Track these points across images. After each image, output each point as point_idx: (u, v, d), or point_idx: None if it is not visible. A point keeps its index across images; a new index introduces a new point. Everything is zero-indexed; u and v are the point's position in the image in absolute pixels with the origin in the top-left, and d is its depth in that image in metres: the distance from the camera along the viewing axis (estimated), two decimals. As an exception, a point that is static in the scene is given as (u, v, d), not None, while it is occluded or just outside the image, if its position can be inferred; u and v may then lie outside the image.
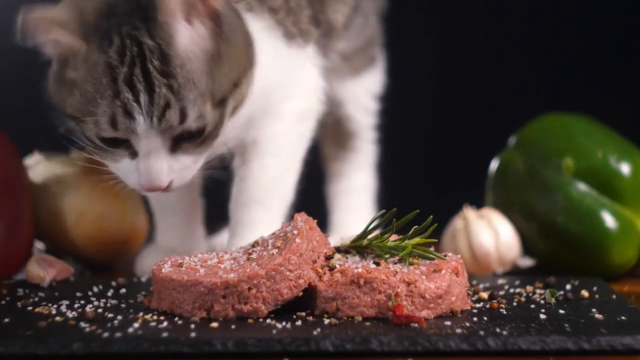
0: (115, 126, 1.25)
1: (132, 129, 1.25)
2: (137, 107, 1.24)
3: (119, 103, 1.24)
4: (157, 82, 1.24)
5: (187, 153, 1.30)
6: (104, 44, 1.25)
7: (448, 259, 1.28)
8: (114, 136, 1.27)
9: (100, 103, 1.24)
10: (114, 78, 1.24)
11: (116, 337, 1.13)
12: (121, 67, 1.24)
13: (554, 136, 1.58)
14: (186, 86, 1.24)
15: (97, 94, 1.24)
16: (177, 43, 1.25)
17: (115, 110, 1.24)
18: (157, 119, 1.24)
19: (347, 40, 1.66)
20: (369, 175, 1.78)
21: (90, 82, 1.25)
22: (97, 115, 1.25)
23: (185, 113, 1.25)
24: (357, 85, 1.73)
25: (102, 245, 1.59)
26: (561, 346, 1.14)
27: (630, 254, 1.52)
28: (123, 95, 1.24)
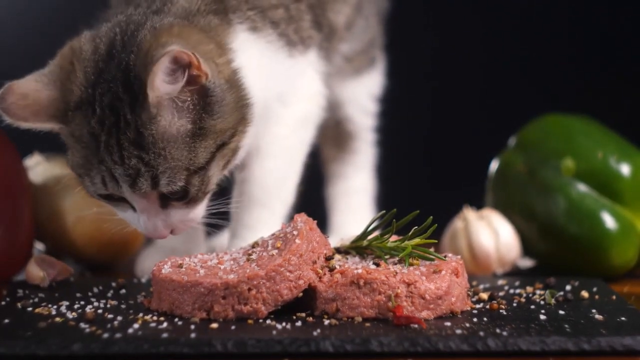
0: (106, 187, 1.29)
1: (119, 192, 1.29)
2: (117, 174, 1.27)
3: (105, 168, 1.28)
4: (127, 154, 1.26)
5: (179, 208, 1.32)
6: (89, 113, 1.28)
7: (448, 260, 1.28)
8: (110, 194, 1.30)
9: (92, 167, 1.28)
10: (97, 146, 1.27)
11: (116, 337, 1.13)
12: (101, 135, 1.27)
13: (554, 137, 1.58)
14: (157, 160, 1.26)
15: (88, 159, 1.28)
16: (156, 123, 1.26)
17: (103, 174, 1.28)
18: (130, 186, 1.27)
19: (349, 42, 1.66)
20: (369, 177, 1.78)
21: (83, 148, 1.29)
22: (91, 176, 1.29)
23: (157, 181, 1.27)
24: (357, 86, 1.73)
25: (102, 245, 1.59)
26: (561, 347, 1.14)
27: (630, 255, 1.52)
28: (105, 163, 1.27)
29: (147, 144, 1.26)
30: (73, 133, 1.29)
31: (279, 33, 1.44)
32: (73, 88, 1.29)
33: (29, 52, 2.01)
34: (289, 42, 1.46)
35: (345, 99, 1.72)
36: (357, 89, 1.74)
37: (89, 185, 1.31)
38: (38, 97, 1.29)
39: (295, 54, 1.47)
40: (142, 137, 1.26)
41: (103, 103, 1.27)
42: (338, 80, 1.67)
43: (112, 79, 1.27)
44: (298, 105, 1.49)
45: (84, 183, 1.32)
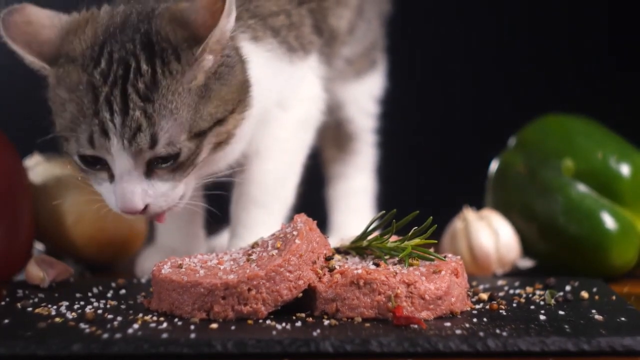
0: (93, 145, 1.27)
1: (107, 148, 1.27)
2: (111, 127, 1.26)
3: (97, 122, 1.26)
4: (132, 104, 1.25)
5: (162, 179, 1.30)
6: (90, 66, 1.28)
7: (448, 260, 1.28)
8: (93, 155, 1.28)
9: (82, 121, 1.27)
10: (96, 97, 1.27)
11: (116, 338, 1.13)
12: (103, 87, 1.26)
13: (554, 137, 1.58)
14: (162, 114, 1.26)
15: (79, 113, 1.27)
16: (175, 76, 1.27)
17: (94, 129, 1.26)
18: (128, 141, 1.26)
19: (351, 45, 1.66)
20: (369, 178, 1.78)
21: (74, 101, 1.27)
22: (78, 133, 1.27)
23: (156, 139, 1.26)
24: (358, 88, 1.74)
25: (102, 246, 1.59)
26: (561, 347, 1.14)
27: (630, 255, 1.52)
28: (101, 115, 1.26)
29: (157, 95, 1.26)
30: (64, 83, 1.28)
31: (280, 40, 1.44)
32: (75, 42, 1.29)
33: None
34: (289, 48, 1.46)
35: (346, 101, 1.72)
36: (358, 90, 1.74)
37: (73, 145, 1.28)
38: (39, 30, 1.30)
39: (296, 60, 1.47)
40: (155, 88, 1.26)
41: (113, 58, 1.27)
42: (339, 82, 1.68)
43: (127, 40, 1.28)
44: (298, 109, 1.49)
45: (67, 145, 1.30)
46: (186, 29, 1.27)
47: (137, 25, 1.29)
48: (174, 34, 1.28)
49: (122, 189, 1.28)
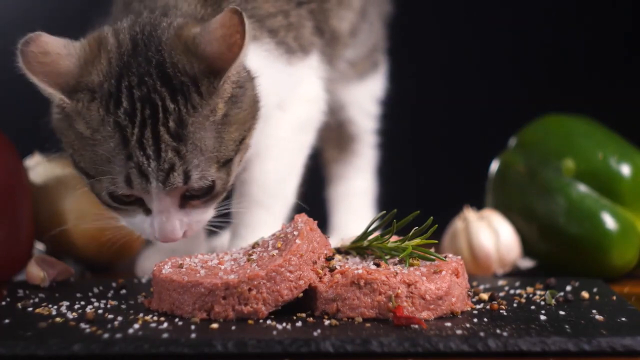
0: (130, 185, 1.27)
1: (145, 189, 1.27)
2: (149, 170, 1.26)
3: (133, 164, 1.26)
4: (164, 145, 1.25)
5: (197, 208, 1.32)
6: (111, 105, 1.26)
7: (448, 260, 1.28)
8: (129, 194, 1.29)
9: (115, 163, 1.26)
10: (125, 139, 1.25)
11: (116, 338, 1.13)
12: (132, 128, 1.25)
13: (554, 137, 1.58)
14: (193, 152, 1.26)
15: (110, 154, 1.26)
16: (203, 110, 1.27)
17: (130, 171, 1.26)
18: (162, 182, 1.26)
19: (354, 48, 1.66)
20: (369, 179, 1.79)
21: (100, 141, 1.26)
22: (112, 174, 1.27)
23: (189, 175, 1.27)
24: (360, 90, 1.74)
25: (102, 246, 1.58)
26: (561, 347, 1.14)
27: (631, 255, 1.52)
28: (136, 157, 1.25)
29: (187, 132, 1.25)
30: (84, 120, 1.27)
31: (277, 41, 1.44)
32: (93, 72, 1.28)
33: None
34: (287, 49, 1.46)
35: (347, 102, 1.72)
36: (360, 92, 1.74)
37: (104, 184, 1.28)
38: (57, 60, 1.27)
39: (295, 61, 1.47)
40: (183, 127, 1.25)
41: (133, 96, 1.26)
42: (341, 83, 1.68)
43: (143, 74, 1.26)
44: (298, 109, 1.49)
45: (95, 183, 1.29)
46: (202, 61, 1.26)
47: (148, 55, 1.28)
48: (191, 66, 1.26)
49: (162, 224, 1.30)
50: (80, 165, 1.30)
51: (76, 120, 1.28)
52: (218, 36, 1.26)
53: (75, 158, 1.31)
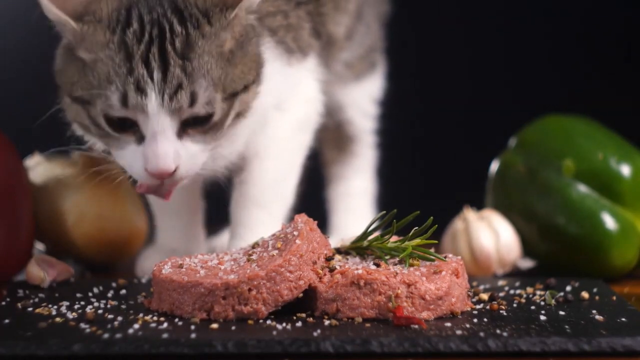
0: (126, 104, 1.26)
1: (142, 106, 1.25)
2: (150, 84, 1.25)
3: (132, 80, 1.25)
4: (173, 62, 1.26)
5: (194, 140, 1.30)
6: (118, 28, 1.27)
7: (448, 261, 1.28)
8: (123, 115, 1.27)
9: (113, 80, 1.25)
10: (129, 55, 1.26)
11: (116, 338, 1.13)
12: (138, 45, 1.26)
13: (554, 138, 1.58)
14: (200, 72, 1.26)
15: (110, 72, 1.26)
16: (210, 37, 1.28)
17: (127, 87, 1.25)
18: (169, 97, 1.25)
19: (350, 50, 1.66)
20: (369, 179, 1.79)
21: (103, 60, 1.26)
22: (108, 93, 1.26)
23: (196, 97, 1.27)
24: (358, 90, 1.74)
25: (102, 246, 1.59)
26: (561, 347, 1.14)
27: (631, 256, 1.52)
28: (137, 72, 1.25)
29: (194, 53, 1.26)
30: (87, 43, 1.27)
31: (277, 40, 1.44)
32: (102, 2, 1.28)
33: (29, 53, 2.01)
34: (287, 49, 1.46)
35: (345, 103, 1.72)
36: (358, 93, 1.74)
37: (98, 107, 1.26)
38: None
39: (293, 61, 1.47)
40: (190, 48, 1.26)
41: (144, 20, 1.27)
42: (339, 85, 1.68)
43: (154, 5, 1.28)
44: (296, 110, 1.49)
45: (89, 110, 1.28)
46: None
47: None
48: (203, 1, 1.28)
49: (155, 149, 1.27)
50: (77, 94, 1.29)
51: (79, 47, 1.28)
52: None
53: (73, 91, 1.30)
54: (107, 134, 1.30)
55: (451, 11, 2.31)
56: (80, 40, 1.29)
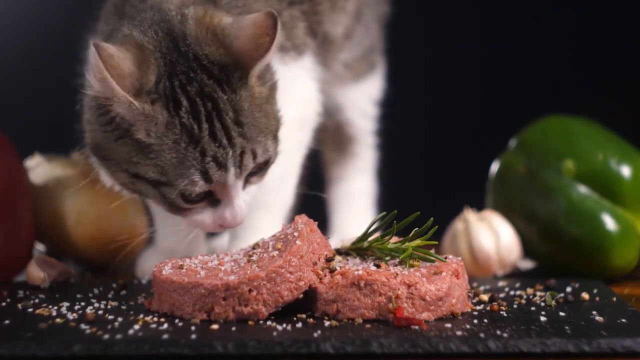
0: (209, 179, 1.28)
1: (224, 179, 1.29)
2: (229, 158, 1.28)
3: (209, 159, 1.27)
4: (234, 133, 1.28)
5: (253, 184, 1.35)
6: (171, 106, 1.27)
7: (448, 261, 1.28)
8: (203, 191, 1.29)
9: (191, 164, 1.27)
10: (194, 137, 1.27)
11: (117, 338, 1.13)
12: (199, 124, 1.27)
13: (555, 139, 1.58)
14: (254, 132, 1.29)
15: (184, 156, 1.27)
16: (252, 95, 1.30)
17: (208, 167, 1.27)
18: (239, 164, 1.29)
19: (349, 50, 1.66)
20: (369, 180, 1.79)
21: (169, 145, 1.27)
22: (187, 175, 1.27)
23: (256, 153, 1.31)
24: (357, 91, 1.74)
25: (103, 246, 1.59)
26: (561, 348, 1.14)
27: (631, 257, 1.52)
28: (212, 151, 1.27)
29: (244, 117, 1.29)
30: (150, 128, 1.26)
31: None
32: (149, 73, 1.27)
33: (29, 53, 2.01)
34: (280, 47, 1.45)
35: (345, 104, 1.73)
36: (358, 93, 1.74)
37: (182, 186, 1.28)
38: (121, 63, 1.26)
39: (288, 60, 1.47)
40: (239, 112, 1.28)
41: (190, 94, 1.27)
42: (338, 85, 1.68)
43: (187, 70, 1.28)
44: (293, 109, 1.49)
45: (165, 189, 1.29)
46: (229, 53, 1.29)
47: (181, 51, 1.29)
48: (220, 57, 1.29)
49: (233, 212, 1.32)
50: (146, 176, 1.29)
51: (138, 128, 1.27)
52: (248, 34, 1.28)
53: (135, 171, 1.30)
54: (177, 208, 1.32)
55: (451, 12, 2.31)
56: (142, 119, 1.27)
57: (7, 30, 2.17)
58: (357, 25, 1.67)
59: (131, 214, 1.61)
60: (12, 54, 1.97)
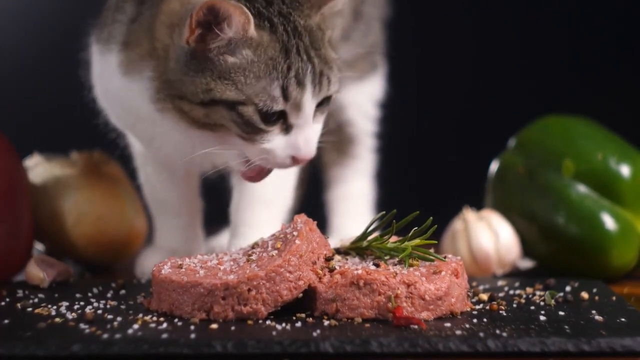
0: (287, 97, 1.29)
1: (301, 97, 1.30)
2: (308, 76, 1.30)
3: (293, 74, 1.29)
4: (312, 52, 1.31)
5: (318, 120, 1.35)
6: (271, 28, 1.30)
7: (448, 261, 1.28)
8: (280, 109, 1.30)
9: (275, 77, 1.29)
10: (287, 52, 1.29)
11: (116, 338, 1.13)
12: (291, 40, 1.30)
13: (554, 138, 1.58)
14: (326, 60, 1.33)
15: (270, 69, 1.29)
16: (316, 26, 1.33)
17: (289, 82, 1.29)
18: (317, 86, 1.31)
19: (348, 49, 1.66)
20: (368, 183, 1.79)
21: (263, 60, 1.29)
22: (269, 90, 1.29)
23: (330, 80, 1.33)
24: (359, 91, 1.74)
25: (102, 246, 1.59)
26: (561, 348, 1.14)
27: (630, 256, 1.52)
28: (297, 66, 1.30)
29: (318, 43, 1.32)
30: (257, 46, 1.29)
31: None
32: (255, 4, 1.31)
33: (29, 53, 2.01)
34: None
35: (347, 103, 1.73)
36: (360, 93, 1.75)
37: (261, 101, 1.29)
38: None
39: None
40: (314, 39, 1.32)
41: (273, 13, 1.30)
42: (342, 84, 1.68)
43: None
44: None
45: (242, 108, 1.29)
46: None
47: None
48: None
49: (306, 138, 1.32)
50: (224, 97, 1.29)
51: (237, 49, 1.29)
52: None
53: (211, 97, 1.30)
54: (252, 130, 1.31)
55: (451, 13, 2.31)
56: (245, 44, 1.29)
57: (7, 30, 2.17)
58: (355, 24, 1.67)
59: (130, 214, 1.61)
60: (12, 53, 1.97)
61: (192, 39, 1.28)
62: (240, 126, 1.30)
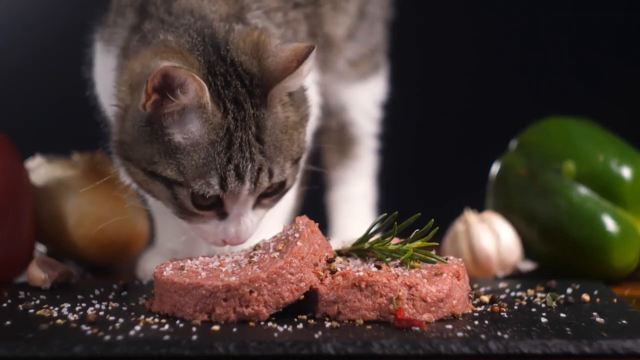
0: (224, 187, 1.28)
1: (238, 190, 1.28)
2: (247, 171, 1.27)
3: (232, 167, 1.27)
4: (254, 149, 1.28)
5: (264, 207, 1.33)
6: (221, 107, 1.28)
7: (449, 263, 1.28)
8: (216, 196, 1.29)
9: (214, 167, 1.27)
10: (230, 143, 1.27)
11: (118, 340, 1.13)
12: (237, 131, 1.27)
13: (555, 140, 1.58)
14: (274, 151, 1.29)
15: (210, 158, 1.27)
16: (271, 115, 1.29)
17: (228, 173, 1.27)
18: (254, 180, 1.28)
19: (353, 47, 1.66)
20: (369, 184, 1.79)
21: (206, 145, 1.27)
22: (208, 178, 1.27)
23: (272, 173, 1.30)
24: (362, 91, 1.74)
25: (103, 247, 1.59)
26: (562, 350, 1.14)
27: (631, 258, 1.52)
28: (238, 161, 1.27)
29: (266, 135, 1.28)
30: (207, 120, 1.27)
31: (280, 35, 1.44)
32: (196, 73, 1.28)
33: (29, 54, 2.01)
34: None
35: (349, 103, 1.73)
36: (362, 93, 1.75)
37: (198, 187, 1.27)
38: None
39: None
40: (263, 131, 1.28)
41: (228, 97, 1.28)
42: (343, 84, 1.69)
43: (225, 73, 1.28)
44: None
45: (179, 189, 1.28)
46: (260, 68, 1.29)
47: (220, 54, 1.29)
48: (251, 68, 1.29)
49: (238, 228, 1.31)
50: (164, 174, 1.29)
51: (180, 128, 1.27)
52: (284, 56, 1.28)
53: (153, 169, 1.29)
54: (185, 212, 1.31)
55: (451, 14, 2.31)
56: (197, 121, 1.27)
57: (7, 30, 2.17)
58: (360, 23, 1.67)
59: (132, 215, 1.61)
60: (12, 53, 1.97)
61: (148, 104, 1.27)
62: (174, 205, 1.31)
